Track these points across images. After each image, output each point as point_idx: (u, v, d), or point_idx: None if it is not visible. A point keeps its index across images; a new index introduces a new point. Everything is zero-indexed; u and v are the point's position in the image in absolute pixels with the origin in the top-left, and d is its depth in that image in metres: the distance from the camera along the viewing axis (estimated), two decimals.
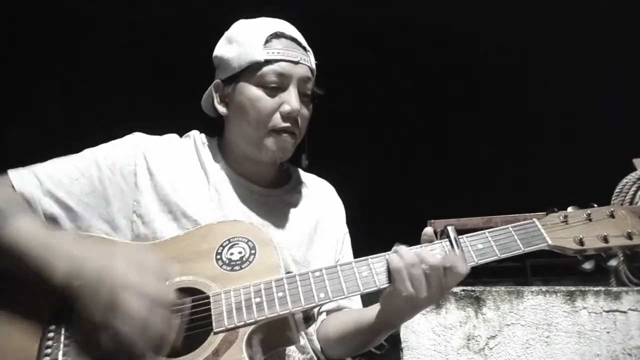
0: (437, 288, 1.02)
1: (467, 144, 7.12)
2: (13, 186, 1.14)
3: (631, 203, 3.31)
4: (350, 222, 1.49)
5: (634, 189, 3.30)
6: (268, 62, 1.21)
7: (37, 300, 1.03)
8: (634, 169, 3.47)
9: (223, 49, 1.30)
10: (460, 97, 7.11)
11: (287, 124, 1.22)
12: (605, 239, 1.05)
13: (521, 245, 1.06)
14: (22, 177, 1.15)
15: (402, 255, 1.03)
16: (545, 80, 6.76)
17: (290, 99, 1.21)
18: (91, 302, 0.94)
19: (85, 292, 0.94)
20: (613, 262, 1.07)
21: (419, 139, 7.26)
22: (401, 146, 7.35)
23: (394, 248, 1.07)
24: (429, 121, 7.15)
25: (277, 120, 1.21)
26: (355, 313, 1.25)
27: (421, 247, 1.08)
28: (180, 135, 1.37)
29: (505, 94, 6.91)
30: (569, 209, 1.11)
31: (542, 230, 1.08)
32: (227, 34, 1.33)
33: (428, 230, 1.09)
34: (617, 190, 3.38)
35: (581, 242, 1.05)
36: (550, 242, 1.06)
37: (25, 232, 1.02)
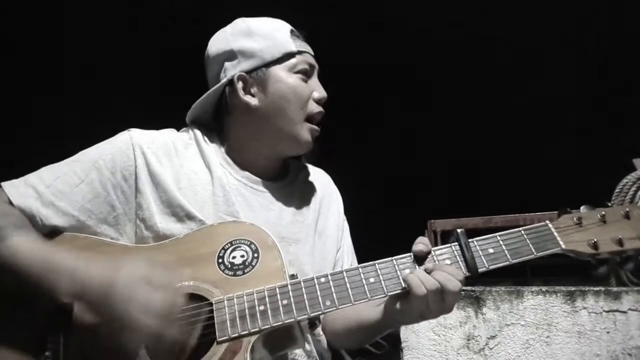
0: (451, 305, 1.01)
1: (468, 144, 7.12)
2: (10, 200, 1.10)
3: (631, 203, 3.30)
4: (351, 222, 1.48)
5: (634, 189, 3.30)
6: (299, 52, 1.27)
7: (35, 310, 1.01)
8: (634, 169, 3.46)
9: (243, 43, 1.27)
10: (461, 97, 7.11)
11: (321, 109, 1.28)
12: (620, 242, 1.00)
13: (533, 250, 1.02)
14: (18, 190, 1.11)
15: (424, 282, 0.99)
16: (545, 81, 6.76)
17: (319, 87, 1.29)
18: (98, 319, 0.93)
19: (92, 310, 0.94)
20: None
21: (419, 138, 7.26)
22: (401, 146, 7.34)
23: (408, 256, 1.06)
24: (429, 121, 7.14)
25: (312, 106, 1.27)
26: (358, 309, 1.20)
27: (433, 257, 1.05)
28: (177, 129, 1.34)
29: (505, 93, 6.91)
30: (582, 209, 1.06)
31: (555, 234, 1.03)
32: (238, 30, 1.31)
33: (424, 243, 1.06)
34: (617, 190, 3.37)
35: (595, 246, 1.01)
36: (563, 246, 1.02)
37: (24, 251, 0.99)
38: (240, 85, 1.25)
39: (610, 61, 6.36)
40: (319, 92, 1.28)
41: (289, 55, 1.25)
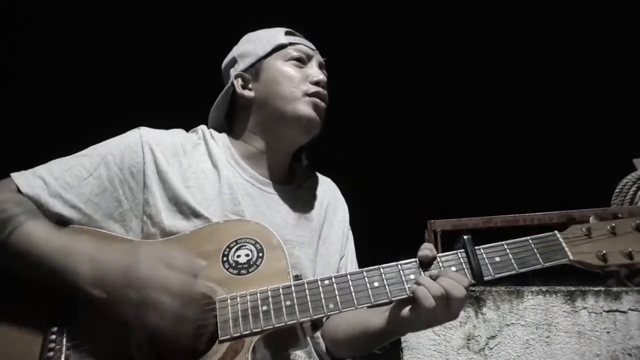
0: (457, 311, 1.01)
1: (467, 144, 7.12)
2: (19, 189, 1.10)
3: (631, 203, 3.31)
4: (351, 222, 1.49)
5: (634, 189, 3.31)
6: (291, 44, 1.33)
7: (39, 302, 1.02)
8: (634, 169, 3.47)
9: (241, 48, 1.38)
10: (460, 97, 7.11)
11: (319, 88, 1.29)
12: (629, 255, 1.00)
13: (541, 260, 1.01)
14: (27, 180, 1.11)
15: (429, 288, 0.99)
16: (545, 80, 6.77)
17: (316, 71, 1.32)
18: (120, 303, 0.93)
19: (113, 295, 0.94)
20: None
21: (419, 138, 7.26)
22: (401, 146, 7.34)
23: (413, 261, 1.05)
24: (429, 120, 7.15)
25: (308, 86, 1.28)
26: (362, 317, 1.21)
27: (439, 263, 1.05)
28: (186, 130, 1.35)
29: (505, 93, 6.91)
30: (591, 220, 1.06)
31: (564, 244, 1.03)
32: (240, 42, 1.42)
33: (429, 248, 1.05)
34: (617, 190, 3.39)
35: (604, 258, 1.00)
36: (571, 257, 1.01)
37: (41, 236, 1.01)
38: (238, 82, 1.33)
39: (611, 62, 6.36)
40: (315, 74, 1.30)
41: (280, 47, 1.32)
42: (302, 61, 1.31)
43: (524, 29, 6.49)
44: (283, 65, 1.30)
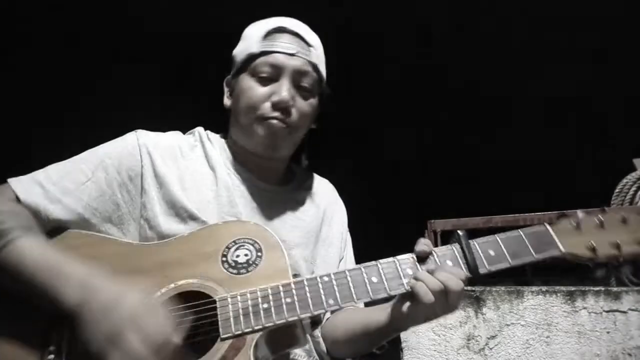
0: (455, 304, 1.01)
1: (467, 144, 7.12)
2: (17, 196, 1.10)
3: (631, 203, 3.31)
4: (350, 222, 1.49)
5: (634, 189, 3.30)
6: (263, 53, 1.23)
7: (39, 309, 1.00)
8: (634, 169, 3.47)
9: (236, 48, 1.34)
10: (460, 97, 7.11)
11: (276, 114, 1.21)
12: (617, 246, 1.02)
13: (533, 253, 1.03)
14: (25, 187, 1.11)
15: (427, 283, 0.99)
16: (544, 81, 6.77)
17: (280, 90, 1.21)
18: (93, 330, 0.91)
19: (91, 319, 0.92)
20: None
21: (419, 138, 7.26)
22: (401, 146, 7.35)
23: (410, 256, 1.06)
24: (429, 120, 7.15)
25: (266, 109, 1.21)
26: (362, 314, 1.22)
27: (435, 257, 1.05)
28: (184, 132, 1.35)
29: (505, 93, 6.91)
30: (579, 213, 1.08)
31: (555, 237, 1.05)
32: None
33: (426, 243, 1.06)
34: (617, 190, 3.38)
35: (593, 250, 1.03)
36: (562, 249, 1.03)
37: (33, 254, 1.00)
38: (226, 89, 1.33)
39: (611, 60, 6.37)
40: (279, 95, 1.20)
41: (253, 58, 1.24)
42: (270, 76, 1.22)
43: (524, 27, 6.50)
44: (249, 81, 1.24)
